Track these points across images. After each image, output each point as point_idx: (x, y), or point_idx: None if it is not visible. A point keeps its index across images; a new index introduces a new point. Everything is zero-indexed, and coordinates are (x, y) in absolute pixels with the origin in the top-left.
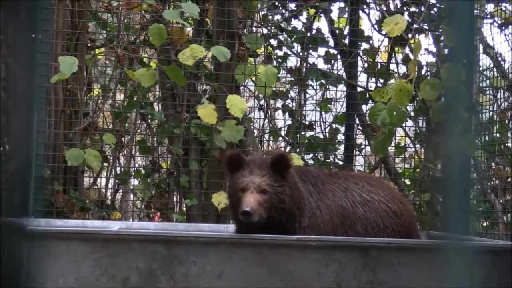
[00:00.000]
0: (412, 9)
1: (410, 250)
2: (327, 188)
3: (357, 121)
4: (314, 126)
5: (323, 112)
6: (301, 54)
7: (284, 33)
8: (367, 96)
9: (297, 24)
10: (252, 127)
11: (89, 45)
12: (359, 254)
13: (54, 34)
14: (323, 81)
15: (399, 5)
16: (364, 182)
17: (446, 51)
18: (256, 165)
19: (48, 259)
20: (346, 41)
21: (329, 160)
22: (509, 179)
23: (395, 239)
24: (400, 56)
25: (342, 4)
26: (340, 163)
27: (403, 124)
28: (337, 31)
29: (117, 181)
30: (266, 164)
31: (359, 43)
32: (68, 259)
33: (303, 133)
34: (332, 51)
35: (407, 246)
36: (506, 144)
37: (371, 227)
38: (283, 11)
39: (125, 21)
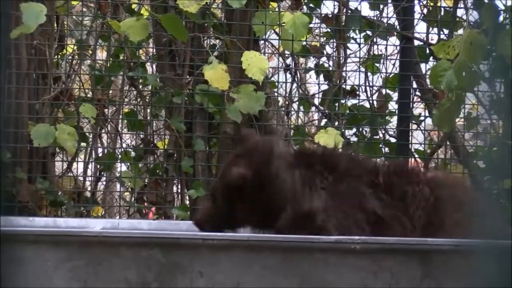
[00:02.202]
0: None
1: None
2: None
3: (415, 85)
4: (357, 92)
5: (369, 74)
6: None
7: None
8: (428, 51)
9: None
10: (276, 94)
11: None
12: (417, 260)
13: None
14: (368, 32)
15: None
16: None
17: None
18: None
19: (8, 269)
20: None
21: (377, 137)
22: None
23: (466, 240)
24: None
25: None
26: (392, 140)
27: (475, 89)
28: None
29: (98, 166)
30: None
31: None
32: (35, 269)
33: (343, 101)
34: None
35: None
36: None
37: None
38: None
39: None
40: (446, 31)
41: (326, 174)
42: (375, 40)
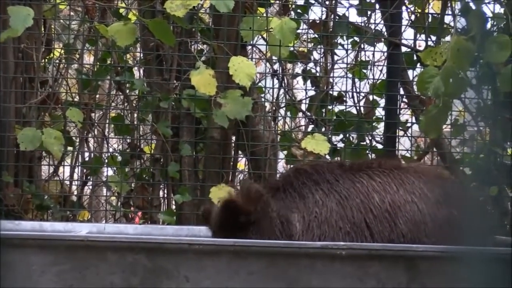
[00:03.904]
0: None
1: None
2: (345, 184)
3: (402, 91)
4: (344, 98)
5: (356, 80)
6: (327, 2)
7: None
8: (415, 58)
9: None
10: (263, 100)
11: None
12: (403, 266)
13: None
14: (356, 38)
15: None
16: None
17: None
18: (211, 221)
19: None
20: None
21: (364, 143)
22: None
23: (452, 247)
24: (458, 5)
25: None
26: (379, 146)
27: (462, 95)
28: None
29: (85, 170)
30: (216, 219)
31: None
32: (21, 273)
33: (330, 107)
34: None
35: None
36: None
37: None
38: None
39: None
40: (433, 38)
41: None
42: (362, 46)
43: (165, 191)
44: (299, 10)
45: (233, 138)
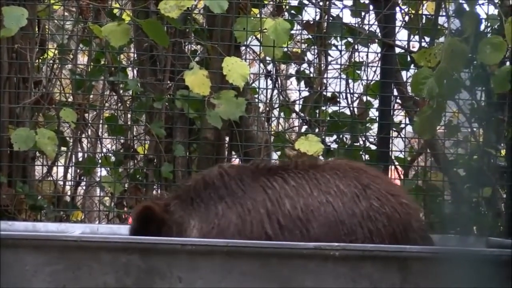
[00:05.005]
0: None
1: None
2: (252, 194)
3: (395, 92)
4: (338, 99)
5: (350, 81)
6: (321, 3)
7: None
8: (409, 59)
9: None
10: (256, 100)
11: None
12: (396, 267)
13: None
14: (350, 39)
15: None
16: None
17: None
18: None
19: None
20: None
21: (358, 144)
22: None
23: (445, 247)
24: (452, 7)
25: None
26: (373, 147)
27: (456, 96)
28: None
29: (78, 171)
30: (134, 219)
31: None
32: (14, 273)
33: (324, 108)
34: None
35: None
36: None
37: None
38: None
39: None
40: (427, 39)
41: None
42: (356, 47)
43: (159, 192)
44: (293, 11)
45: (227, 138)
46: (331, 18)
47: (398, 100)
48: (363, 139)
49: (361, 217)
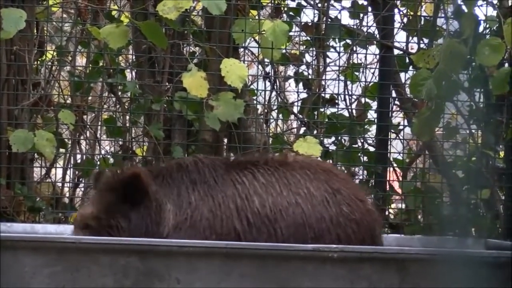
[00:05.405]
0: None
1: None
2: (223, 187)
3: (394, 94)
4: (336, 101)
5: (348, 82)
6: (319, 5)
7: None
8: (407, 60)
9: None
10: (255, 102)
11: None
12: (395, 268)
13: None
14: (348, 41)
15: None
16: (303, 173)
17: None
18: (102, 189)
19: None
20: None
21: (356, 146)
22: None
23: (443, 249)
24: (450, 8)
25: None
26: (371, 149)
27: (455, 98)
28: None
29: (77, 172)
30: (113, 187)
31: None
32: (13, 274)
33: (322, 109)
34: (361, 1)
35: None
36: None
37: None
38: None
39: None
40: (426, 40)
41: None
42: (354, 48)
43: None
44: (291, 13)
45: (225, 140)
46: (329, 20)
47: (397, 102)
48: (362, 140)
49: (330, 222)
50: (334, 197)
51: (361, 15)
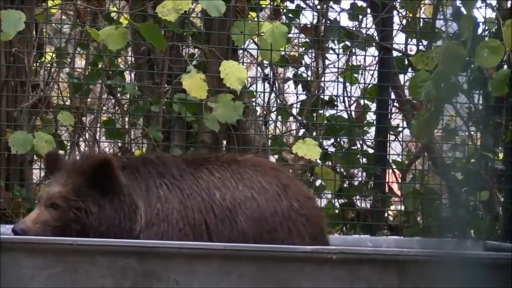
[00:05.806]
0: None
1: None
2: (188, 180)
3: (393, 96)
4: (335, 103)
5: (347, 84)
6: (318, 7)
7: None
8: (406, 62)
9: None
10: (254, 104)
11: None
12: (394, 269)
13: None
14: (347, 43)
15: None
16: (255, 170)
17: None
18: (69, 170)
19: None
20: None
21: (355, 147)
22: None
23: (442, 251)
24: (449, 10)
25: None
26: (370, 150)
27: (454, 100)
28: None
29: None
30: (82, 170)
31: None
32: (12, 276)
33: (321, 111)
34: (360, 3)
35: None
36: None
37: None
38: None
39: None
40: (425, 42)
41: None
42: (353, 50)
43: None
44: (290, 15)
45: (224, 142)
46: (328, 22)
47: (396, 104)
48: (361, 142)
49: (282, 216)
50: (285, 192)
51: (360, 17)
